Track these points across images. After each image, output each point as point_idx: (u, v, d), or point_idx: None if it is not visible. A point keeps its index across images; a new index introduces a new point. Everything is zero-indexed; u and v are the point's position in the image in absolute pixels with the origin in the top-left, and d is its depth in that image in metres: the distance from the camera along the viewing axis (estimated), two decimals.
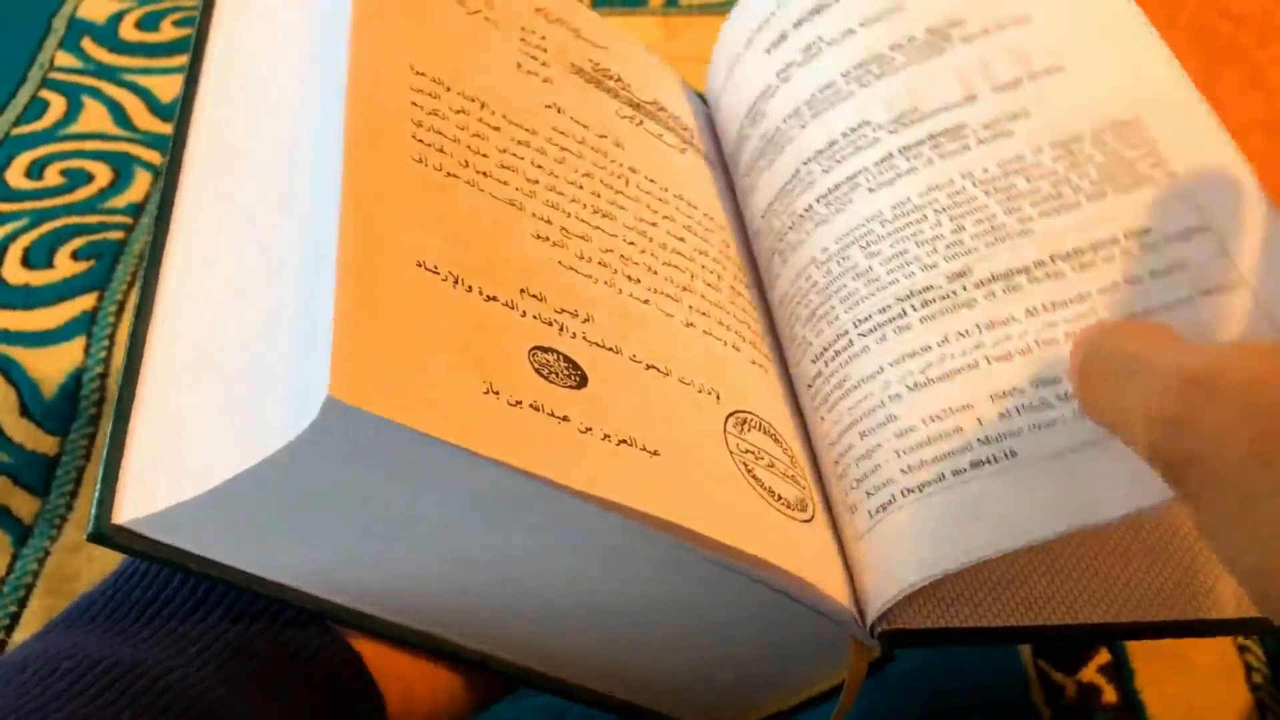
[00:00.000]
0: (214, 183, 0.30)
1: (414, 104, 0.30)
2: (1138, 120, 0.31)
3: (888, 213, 0.32)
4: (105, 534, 0.24)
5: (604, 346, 0.28)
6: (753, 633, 0.28)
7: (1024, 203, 0.31)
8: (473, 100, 0.31)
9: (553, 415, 0.25)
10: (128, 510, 0.24)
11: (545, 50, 0.36)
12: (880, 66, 0.35)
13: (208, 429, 0.25)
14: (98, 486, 0.25)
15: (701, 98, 0.42)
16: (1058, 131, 0.32)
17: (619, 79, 0.38)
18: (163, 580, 0.27)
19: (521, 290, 0.27)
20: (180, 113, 0.32)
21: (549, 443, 0.24)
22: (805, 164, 0.35)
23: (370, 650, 0.27)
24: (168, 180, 0.30)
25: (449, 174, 0.29)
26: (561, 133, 0.33)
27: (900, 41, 0.35)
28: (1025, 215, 0.31)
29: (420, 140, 0.29)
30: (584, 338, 0.28)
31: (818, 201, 0.34)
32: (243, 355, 0.26)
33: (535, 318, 0.27)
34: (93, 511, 0.24)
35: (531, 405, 0.25)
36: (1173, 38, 0.35)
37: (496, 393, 0.24)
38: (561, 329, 0.27)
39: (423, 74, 0.31)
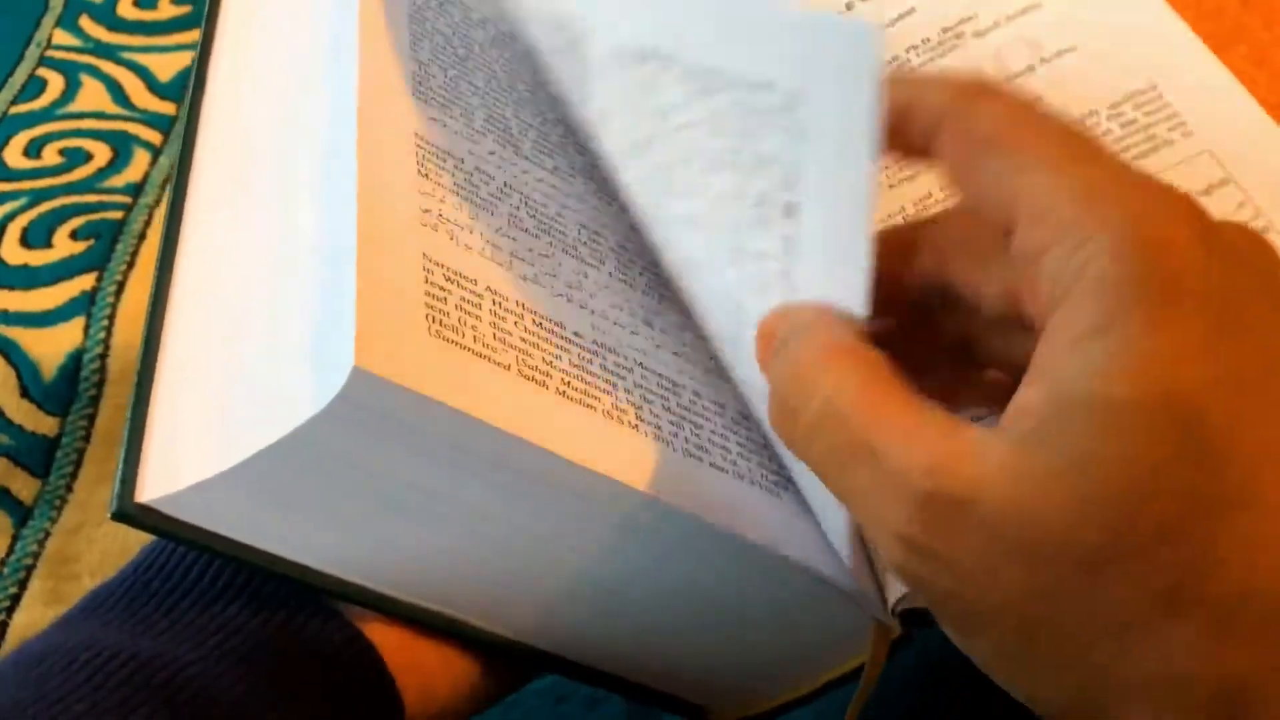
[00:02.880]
0: (228, 164, 0.30)
1: None
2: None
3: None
4: (129, 513, 0.24)
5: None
6: (771, 615, 0.28)
7: None
8: None
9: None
10: (150, 489, 0.24)
11: None
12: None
13: (230, 405, 0.25)
14: (120, 465, 0.24)
15: None
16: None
17: None
18: (181, 571, 0.26)
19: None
20: (192, 93, 0.32)
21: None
22: None
23: (390, 643, 0.27)
24: (181, 161, 0.30)
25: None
26: None
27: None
28: None
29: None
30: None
31: None
32: (263, 331, 0.26)
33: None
34: (115, 490, 0.24)
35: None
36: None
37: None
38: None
39: None
